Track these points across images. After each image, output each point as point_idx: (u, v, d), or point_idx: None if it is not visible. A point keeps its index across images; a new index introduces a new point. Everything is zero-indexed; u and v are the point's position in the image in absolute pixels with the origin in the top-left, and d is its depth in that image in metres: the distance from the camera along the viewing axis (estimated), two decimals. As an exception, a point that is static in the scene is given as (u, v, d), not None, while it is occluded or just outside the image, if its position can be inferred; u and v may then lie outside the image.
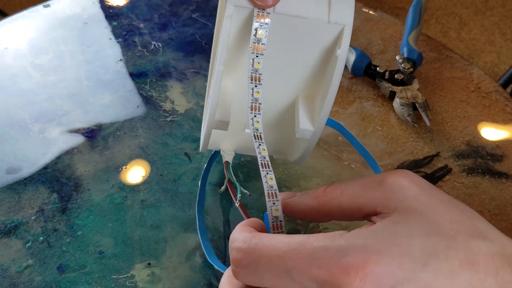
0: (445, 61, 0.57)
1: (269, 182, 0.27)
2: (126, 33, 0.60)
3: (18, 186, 0.44)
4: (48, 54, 0.57)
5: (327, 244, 0.21)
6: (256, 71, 0.30)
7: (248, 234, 0.24)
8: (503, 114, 0.51)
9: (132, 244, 0.40)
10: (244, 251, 0.23)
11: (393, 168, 0.46)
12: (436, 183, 0.45)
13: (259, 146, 0.29)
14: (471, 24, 1.68)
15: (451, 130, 0.50)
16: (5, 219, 0.42)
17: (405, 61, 0.53)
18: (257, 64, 0.30)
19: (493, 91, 0.53)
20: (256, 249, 0.23)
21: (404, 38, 0.57)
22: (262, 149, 0.28)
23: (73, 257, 0.40)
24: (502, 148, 0.48)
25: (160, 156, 0.47)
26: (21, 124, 0.49)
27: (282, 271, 0.22)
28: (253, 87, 0.30)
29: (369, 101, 0.53)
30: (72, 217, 0.42)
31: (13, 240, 0.41)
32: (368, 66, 0.54)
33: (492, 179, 0.46)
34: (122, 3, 0.64)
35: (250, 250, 0.23)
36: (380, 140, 0.49)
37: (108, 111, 0.51)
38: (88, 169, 0.46)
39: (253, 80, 0.30)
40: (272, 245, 0.22)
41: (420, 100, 0.50)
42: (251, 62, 0.29)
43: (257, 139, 0.29)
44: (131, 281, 0.38)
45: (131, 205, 0.43)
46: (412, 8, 0.59)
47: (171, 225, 0.42)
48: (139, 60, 0.57)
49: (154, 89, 0.53)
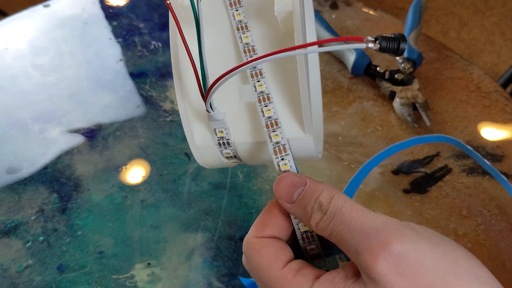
0: (445, 61, 0.57)
1: (273, 139, 0.27)
2: (126, 33, 0.60)
3: (18, 186, 0.44)
4: (48, 54, 0.57)
5: None
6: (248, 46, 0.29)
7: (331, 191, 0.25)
8: (503, 114, 0.51)
9: (132, 244, 0.40)
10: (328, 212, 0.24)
11: (393, 168, 0.46)
12: (436, 183, 0.45)
13: (265, 107, 0.28)
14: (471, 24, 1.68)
15: (451, 130, 0.50)
16: (5, 219, 0.42)
17: (405, 61, 0.53)
18: (238, 16, 0.28)
19: (493, 91, 0.53)
20: (337, 213, 0.24)
21: (404, 38, 0.56)
22: (267, 110, 0.27)
23: (73, 257, 0.40)
24: (502, 148, 0.48)
25: (160, 156, 0.47)
26: (21, 124, 0.49)
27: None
28: (255, 83, 0.28)
29: (369, 101, 0.53)
30: (72, 217, 0.42)
31: (13, 240, 0.41)
32: (368, 66, 0.54)
33: (492, 179, 0.46)
34: (122, 3, 0.64)
35: (332, 213, 0.24)
36: (380, 140, 0.49)
37: (108, 111, 0.51)
38: (88, 169, 0.46)
39: (253, 77, 0.29)
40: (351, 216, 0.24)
41: (420, 100, 0.50)
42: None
43: (262, 102, 0.28)
44: (131, 281, 0.38)
45: (131, 205, 0.43)
46: (412, 8, 0.59)
47: (171, 225, 0.42)
48: (139, 60, 0.57)
49: (154, 89, 0.53)
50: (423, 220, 0.43)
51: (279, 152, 0.27)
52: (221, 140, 0.28)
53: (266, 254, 0.25)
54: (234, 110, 0.29)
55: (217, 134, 0.28)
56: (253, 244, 0.26)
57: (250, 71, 0.28)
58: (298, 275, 0.24)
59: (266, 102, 0.27)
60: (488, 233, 0.42)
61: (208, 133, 0.29)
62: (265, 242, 0.26)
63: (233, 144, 0.29)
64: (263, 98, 0.27)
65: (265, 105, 0.27)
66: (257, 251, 0.26)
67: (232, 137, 0.28)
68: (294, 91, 0.28)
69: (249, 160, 0.30)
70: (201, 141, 0.29)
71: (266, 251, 0.25)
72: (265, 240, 0.26)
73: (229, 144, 0.28)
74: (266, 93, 0.27)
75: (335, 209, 0.24)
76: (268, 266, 0.25)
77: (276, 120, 0.27)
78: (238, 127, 0.29)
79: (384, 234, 0.22)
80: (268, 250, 0.25)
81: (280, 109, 0.28)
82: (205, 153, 0.29)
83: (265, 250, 0.26)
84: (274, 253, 0.25)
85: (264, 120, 0.27)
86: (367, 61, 0.54)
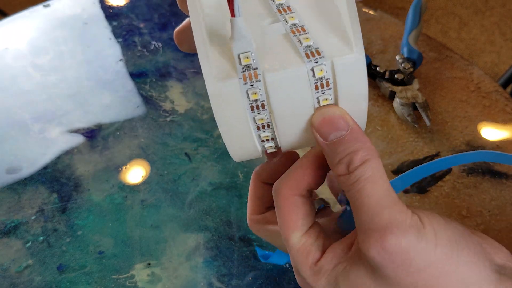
0: (445, 61, 0.57)
1: (316, 73, 0.22)
2: (126, 33, 0.60)
3: (18, 186, 0.44)
4: (48, 54, 0.57)
5: None
6: None
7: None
8: (503, 114, 0.51)
9: (132, 244, 0.40)
10: (353, 174, 0.23)
11: (393, 168, 0.46)
12: (436, 183, 0.45)
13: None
14: (471, 24, 1.68)
15: (451, 130, 0.50)
16: (5, 219, 0.42)
17: (405, 61, 0.53)
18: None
19: (493, 91, 0.53)
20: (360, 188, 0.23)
21: (404, 38, 0.57)
22: (304, 38, 0.23)
23: (73, 257, 0.40)
24: (502, 148, 0.48)
25: (160, 156, 0.47)
26: (21, 124, 0.49)
27: None
28: (285, 17, 0.24)
29: (369, 101, 0.53)
30: (72, 217, 0.42)
31: (13, 240, 0.41)
32: (368, 66, 0.54)
33: (492, 179, 0.46)
34: (122, 3, 0.64)
35: (357, 177, 0.23)
36: (380, 140, 0.49)
37: (108, 111, 0.51)
38: (88, 169, 0.46)
39: (282, 12, 0.24)
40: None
41: (420, 100, 0.50)
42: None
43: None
44: (131, 281, 0.38)
45: (131, 205, 0.43)
46: (412, 8, 0.59)
47: (171, 225, 0.42)
48: (139, 60, 0.57)
49: (154, 89, 0.53)
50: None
51: (321, 86, 0.23)
52: (248, 78, 0.22)
53: (294, 217, 0.25)
54: (262, 41, 0.23)
55: (242, 61, 0.22)
56: (284, 202, 0.26)
57: (277, 7, 0.24)
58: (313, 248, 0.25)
59: (302, 32, 0.23)
60: (488, 233, 0.42)
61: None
62: (296, 201, 0.25)
63: (263, 78, 0.22)
64: (297, 29, 0.23)
65: (301, 34, 0.23)
66: (286, 211, 0.25)
67: (261, 67, 0.23)
68: (329, 16, 0.24)
69: (285, 109, 0.23)
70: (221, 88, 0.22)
71: (294, 214, 0.25)
72: (296, 198, 0.25)
73: (259, 82, 0.22)
74: (300, 25, 0.23)
75: (361, 175, 0.23)
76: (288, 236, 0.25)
77: (318, 49, 0.22)
78: (268, 57, 0.23)
79: (385, 228, 0.22)
80: (295, 213, 0.25)
81: (318, 38, 0.23)
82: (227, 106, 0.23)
83: (294, 212, 0.25)
84: (301, 215, 0.25)
85: (303, 50, 0.22)
86: (367, 61, 0.54)
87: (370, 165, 0.23)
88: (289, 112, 0.24)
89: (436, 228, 0.23)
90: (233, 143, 0.25)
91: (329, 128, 0.23)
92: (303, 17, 0.24)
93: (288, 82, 0.23)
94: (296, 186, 0.25)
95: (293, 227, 0.25)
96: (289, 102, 0.23)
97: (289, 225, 0.25)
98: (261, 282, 0.39)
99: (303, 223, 0.25)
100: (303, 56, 0.22)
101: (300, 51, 0.23)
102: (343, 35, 0.23)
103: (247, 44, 0.22)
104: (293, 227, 0.25)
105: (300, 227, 0.25)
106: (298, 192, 0.25)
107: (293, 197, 0.25)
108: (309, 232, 0.25)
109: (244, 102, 0.23)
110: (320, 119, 0.24)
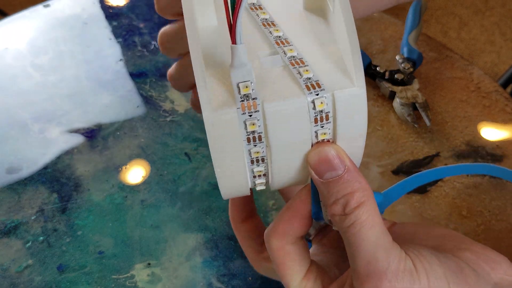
0: (445, 61, 0.57)
1: (317, 105, 0.22)
2: (126, 33, 0.60)
3: (18, 186, 0.44)
4: (48, 54, 0.57)
5: None
6: None
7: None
8: (503, 114, 0.51)
9: (132, 244, 0.40)
10: (349, 217, 0.23)
11: (393, 168, 0.46)
12: (436, 183, 0.45)
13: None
14: (471, 24, 1.68)
15: (451, 130, 0.50)
16: (5, 219, 0.42)
17: (405, 61, 0.53)
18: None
19: (493, 91, 0.53)
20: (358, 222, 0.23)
21: (404, 38, 0.57)
22: (304, 70, 0.22)
23: (73, 257, 0.40)
24: (502, 148, 0.48)
25: (160, 156, 0.47)
26: (21, 124, 0.49)
27: None
28: (283, 49, 0.24)
29: (369, 101, 0.53)
30: (72, 217, 0.42)
31: (13, 240, 0.41)
32: (368, 66, 0.54)
33: (492, 179, 0.45)
34: (122, 3, 0.64)
35: (352, 220, 0.23)
36: (380, 140, 0.49)
37: (108, 111, 0.51)
38: (88, 169, 0.46)
39: (280, 44, 0.24)
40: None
41: (420, 100, 0.50)
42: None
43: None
44: (131, 281, 0.38)
45: (131, 205, 0.43)
46: (412, 8, 0.59)
47: (171, 225, 0.42)
48: (139, 60, 0.57)
49: (154, 89, 0.53)
50: (423, 220, 0.43)
51: (321, 120, 0.22)
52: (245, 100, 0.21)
53: (289, 264, 0.26)
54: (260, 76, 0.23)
55: (241, 90, 0.22)
56: (277, 253, 0.26)
57: (274, 39, 0.24)
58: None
59: (301, 65, 0.23)
60: (488, 233, 0.42)
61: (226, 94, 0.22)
62: (288, 251, 0.26)
63: (262, 108, 0.22)
64: (296, 62, 0.23)
65: (300, 67, 0.23)
66: (281, 261, 0.26)
67: (261, 97, 0.22)
68: (329, 48, 0.24)
69: (281, 144, 0.23)
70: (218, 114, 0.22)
71: (289, 261, 0.26)
72: (287, 248, 0.26)
73: (257, 116, 0.21)
74: (299, 57, 0.23)
75: (357, 218, 0.23)
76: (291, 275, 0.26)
77: (318, 82, 0.22)
78: (267, 90, 0.22)
79: (381, 273, 0.23)
80: (290, 260, 0.26)
81: (318, 70, 0.23)
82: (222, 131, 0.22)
83: (288, 260, 0.26)
84: (297, 261, 0.26)
85: (303, 82, 0.22)
86: (367, 61, 0.54)
87: (366, 207, 0.23)
88: (286, 145, 0.23)
89: (428, 268, 0.24)
90: (226, 176, 0.24)
91: (325, 167, 0.23)
92: (302, 50, 0.23)
93: (287, 113, 0.22)
94: (285, 235, 0.26)
95: (290, 275, 0.26)
96: (287, 135, 0.22)
97: (286, 273, 0.26)
98: (261, 282, 0.39)
99: (299, 269, 0.26)
100: (303, 88, 0.22)
101: (301, 83, 0.22)
102: (343, 68, 0.23)
103: (247, 73, 0.21)
104: (290, 274, 0.26)
105: (297, 273, 0.26)
106: (289, 241, 0.26)
107: (285, 246, 0.26)
108: (308, 275, 0.26)
109: (241, 133, 0.22)
110: (316, 157, 0.23)
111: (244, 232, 0.31)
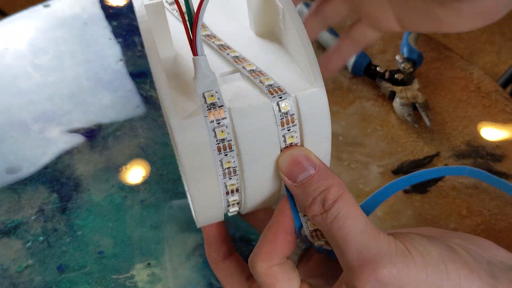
0: (445, 61, 0.57)
1: (281, 107, 0.23)
2: (126, 33, 0.60)
3: (18, 186, 0.44)
4: (48, 54, 0.57)
5: None
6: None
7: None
8: (503, 114, 0.51)
9: (132, 244, 0.40)
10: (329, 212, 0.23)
11: (393, 168, 0.46)
12: (436, 183, 0.45)
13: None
14: (471, 24, 1.68)
15: (451, 130, 0.50)
16: (5, 219, 0.42)
17: (405, 61, 0.53)
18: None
19: (493, 91, 0.53)
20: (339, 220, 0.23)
21: (404, 38, 0.57)
22: (265, 78, 0.23)
23: (73, 257, 0.40)
24: (502, 148, 0.48)
25: (160, 156, 0.47)
26: (21, 124, 0.49)
27: None
28: (242, 65, 0.25)
29: (369, 101, 0.53)
30: (72, 217, 0.42)
31: (13, 240, 0.41)
32: (368, 66, 0.54)
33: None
34: (122, 3, 0.64)
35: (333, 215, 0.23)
36: (380, 140, 0.49)
37: (108, 111, 0.51)
38: (88, 169, 0.46)
39: (238, 62, 0.26)
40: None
41: (420, 100, 0.50)
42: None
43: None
44: (131, 281, 0.38)
45: (131, 205, 0.43)
46: (412, 8, 0.59)
47: (171, 225, 0.42)
48: (139, 60, 0.57)
49: (154, 89, 0.53)
50: (423, 220, 0.43)
51: (287, 123, 0.23)
52: (212, 109, 0.22)
53: (279, 286, 0.26)
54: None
55: (207, 100, 0.22)
56: (264, 277, 0.26)
57: (233, 59, 0.25)
58: None
59: (261, 76, 0.24)
60: (488, 233, 0.42)
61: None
62: (275, 273, 0.26)
63: (229, 115, 0.22)
64: (256, 74, 0.24)
65: (261, 77, 0.24)
66: (270, 283, 0.26)
67: (227, 105, 0.22)
68: (285, 61, 0.25)
69: (250, 148, 0.23)
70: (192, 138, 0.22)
71: (278, 283, 0.26)
72: (274, 269, 0.26)
73: (225, 124, 0.22)
74: (258, 70, 0.24)
75: (338, 212, 0.23)
76: None
77: (279, 87, 0.23)
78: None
79: (375, 260, 0.22)
80: (279, 282, 0.26)
81: (278, 79, 0.24)
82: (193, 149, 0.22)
83: (277, 282, 0.25)
84: (286, 282, 0.26)
85: (265, 88, 0.23)
86: (367, 61, 0.54)
87: (345, 200, 0.23)
88: (256, 152, 0.23)
89: (421, 249, 0.23)
90: (201, 196, 0.24)
91: (297, 169, 0.23)
92: (260, 65, 0.25)
93: (255, 118, 0.23)
94: (271, 257, 0.25)
95: None
96: (256, 140, 0.23)
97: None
98: (261, 282, 0.39)
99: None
100: (266, 93, 0.23)
101: (263, 90, 0.23)
102: (301, 75, 0.24)
103: (211, 83, 0.22)
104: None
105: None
106: (275, 262, 0.25)
107: (271, 269, 0.25)
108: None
109: (211, 141, 0.22)
110: (287, 160, 0.24)
111: (226, 271, 0.30)
